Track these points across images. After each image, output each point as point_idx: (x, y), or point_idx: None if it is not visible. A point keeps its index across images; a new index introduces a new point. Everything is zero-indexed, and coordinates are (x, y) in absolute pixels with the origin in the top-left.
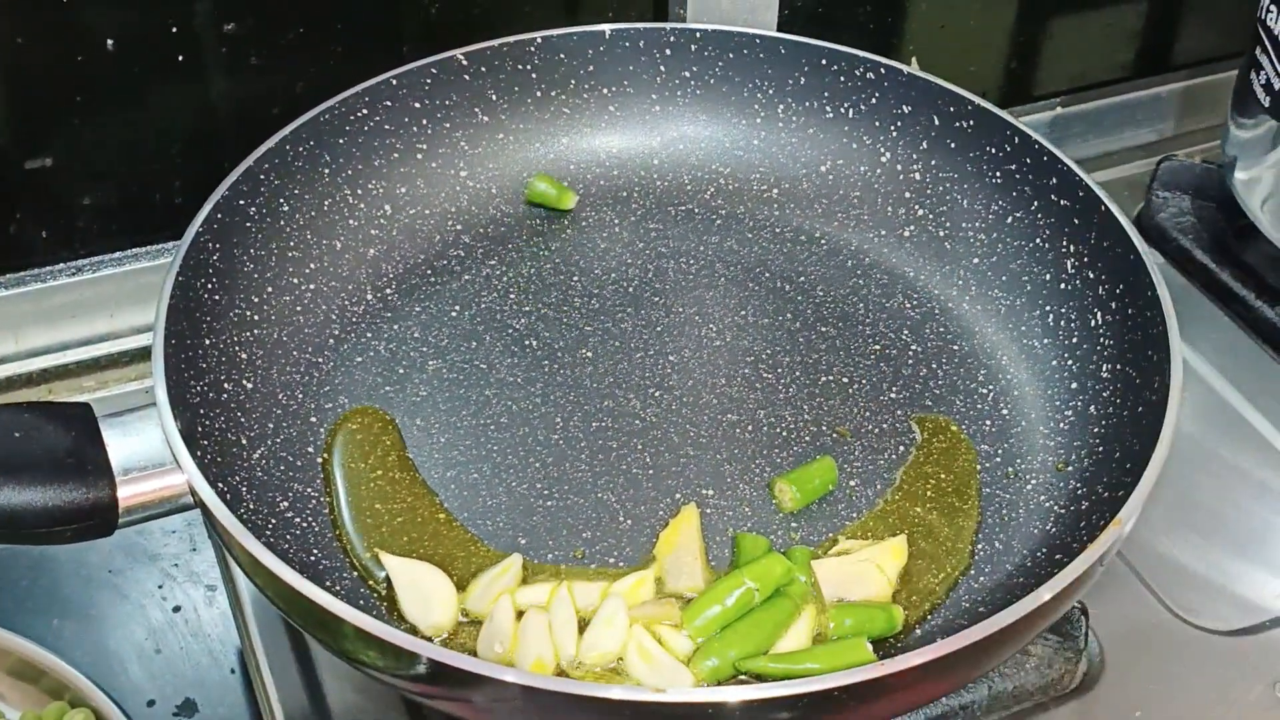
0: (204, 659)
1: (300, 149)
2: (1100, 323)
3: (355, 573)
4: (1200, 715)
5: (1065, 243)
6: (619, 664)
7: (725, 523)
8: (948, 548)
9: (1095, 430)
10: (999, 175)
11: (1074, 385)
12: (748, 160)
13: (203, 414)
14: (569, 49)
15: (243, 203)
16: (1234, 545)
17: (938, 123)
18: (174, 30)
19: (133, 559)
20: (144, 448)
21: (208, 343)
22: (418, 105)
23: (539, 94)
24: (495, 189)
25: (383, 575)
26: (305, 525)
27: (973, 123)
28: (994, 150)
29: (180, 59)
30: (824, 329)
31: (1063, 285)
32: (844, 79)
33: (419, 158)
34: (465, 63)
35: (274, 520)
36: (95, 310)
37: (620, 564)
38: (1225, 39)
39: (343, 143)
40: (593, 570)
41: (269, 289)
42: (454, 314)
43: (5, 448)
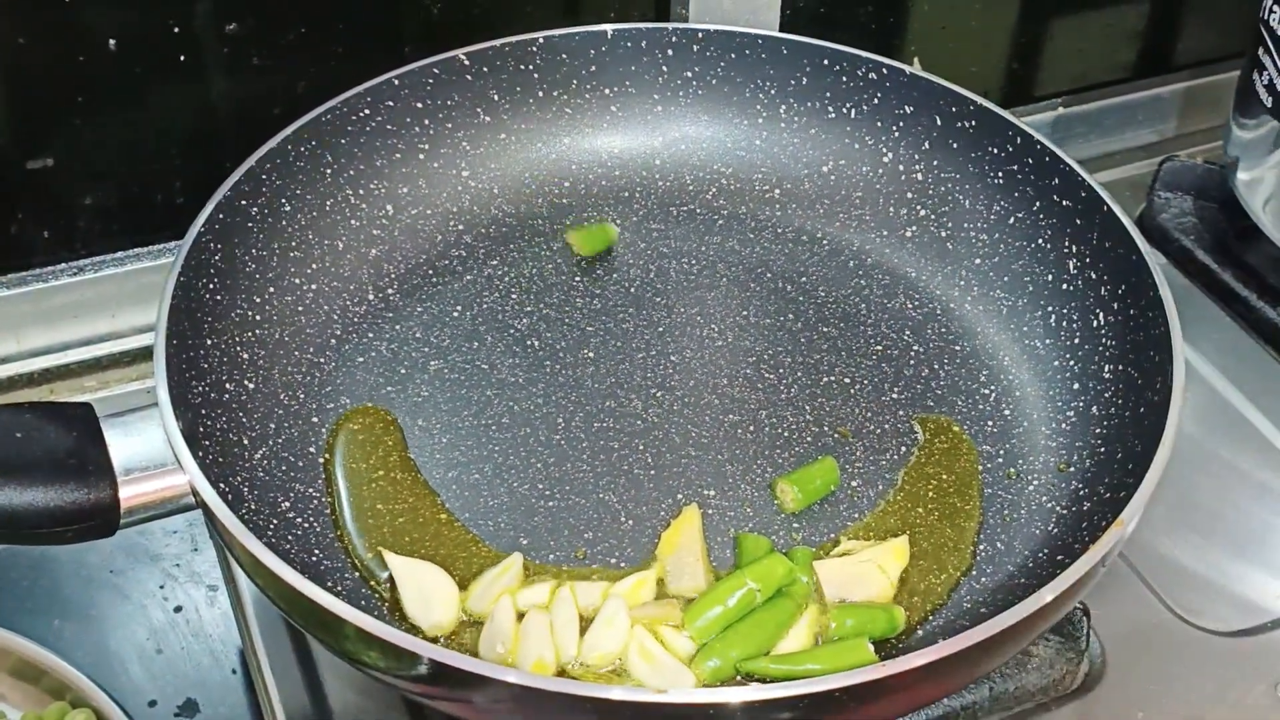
0: (205, 659)
1: (302, 149)
2: (1102, 323)
3: (356, 573)
4: (1201, 716)
5: (1067, 243)
6: (620, 664)
7: (727, 523)
8: (949, 548)
9: (1097, 431)
10: (1001, 176)
11: (1076, 386)
12: (750, 161)
13: (204, 414)
14: (571, 49)
15: (244, 203)
16: (1235, 546)
17: (940, 123)
18: (175, 30)
19: (134, 559)
20: (146, 448)
21: (209, 343)
22: (420, 105)
23: (541, 94)
24: (497, 189)
25: (384, 575)
26: (307, 525)
27: (975, 123)
28: (996, 151)
29: (182, 59)
30: (826, 329)
31: (1065, 286)
32: (846, 79)
33: (421, 158)
34: (467, 63)
35: (275, 520)
36: (97, 310)
37: (622, 564)
38: (1227, 39)
39: (344, 143)
40: (594, 571)
41: (271, 289)
42: (456, 314)
43: (7, 448)
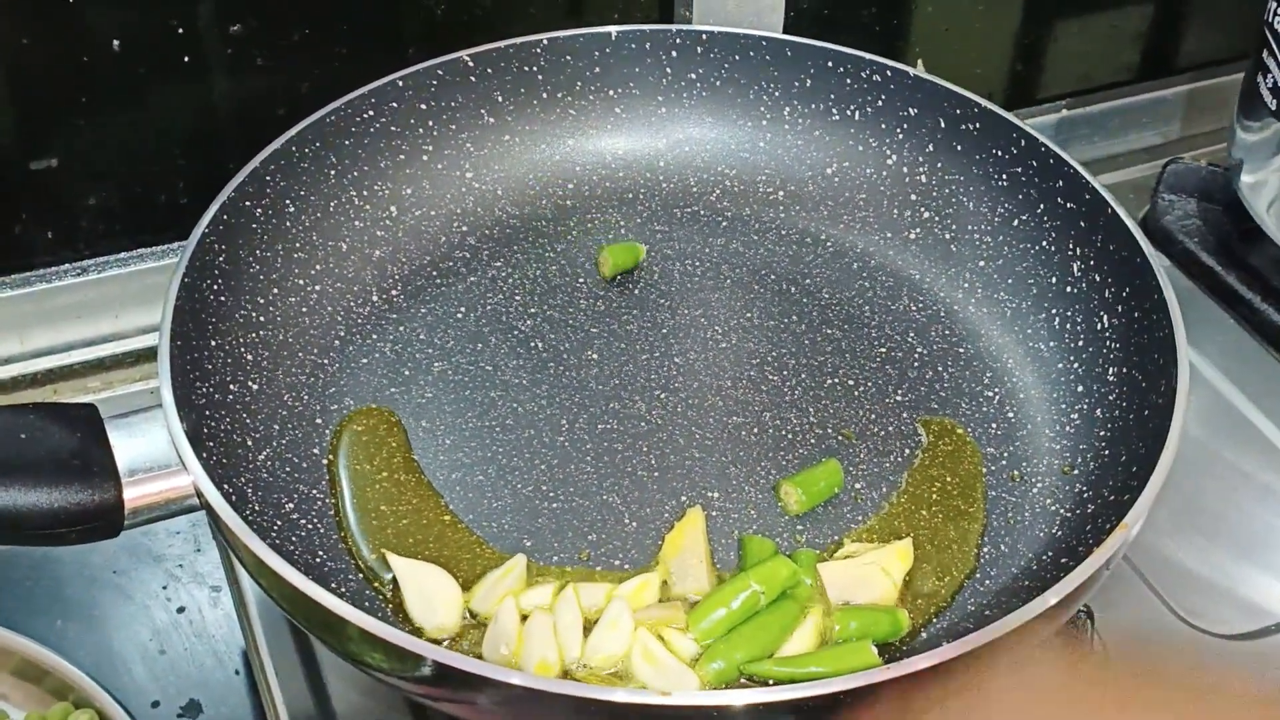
0: (208, 660)
1: (306, 150)
2: (1106, 326)
3: (360, 574)
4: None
5: (1071, 245)
6: (623, 667)
7: (731, 525)
8: (953, 551)
9: (1101, 433)
10: (1005, 178)
11: (1080, 388)
12: (753, 162)
13: (208, 415)
14: (575, 51)
15: (248, 204)
16: (1239, 549)
17: (943, 125)
18: (179, 31)
19: (137, 560)
20: (150, 449)
21: (213, 344)
22: (424, 107)
23: (545, 96)
24: (501, 190)
25: (388, 577)
26: (310, 527)
27: (978, 125)
28: (1000, 153)
29: (185, 60)
30: (829, 331)
31: (1069, 288)
32: (850, 81)
33: (425, 159)
34: (471, 64)
35: (279, 522)
36: (100, 311)
37: (625, 566)
38: (1231, 42)
39: (348, 144)
40: (598, 572)
41: (275, 290)
42: (459, 316)
43: (11, 449)
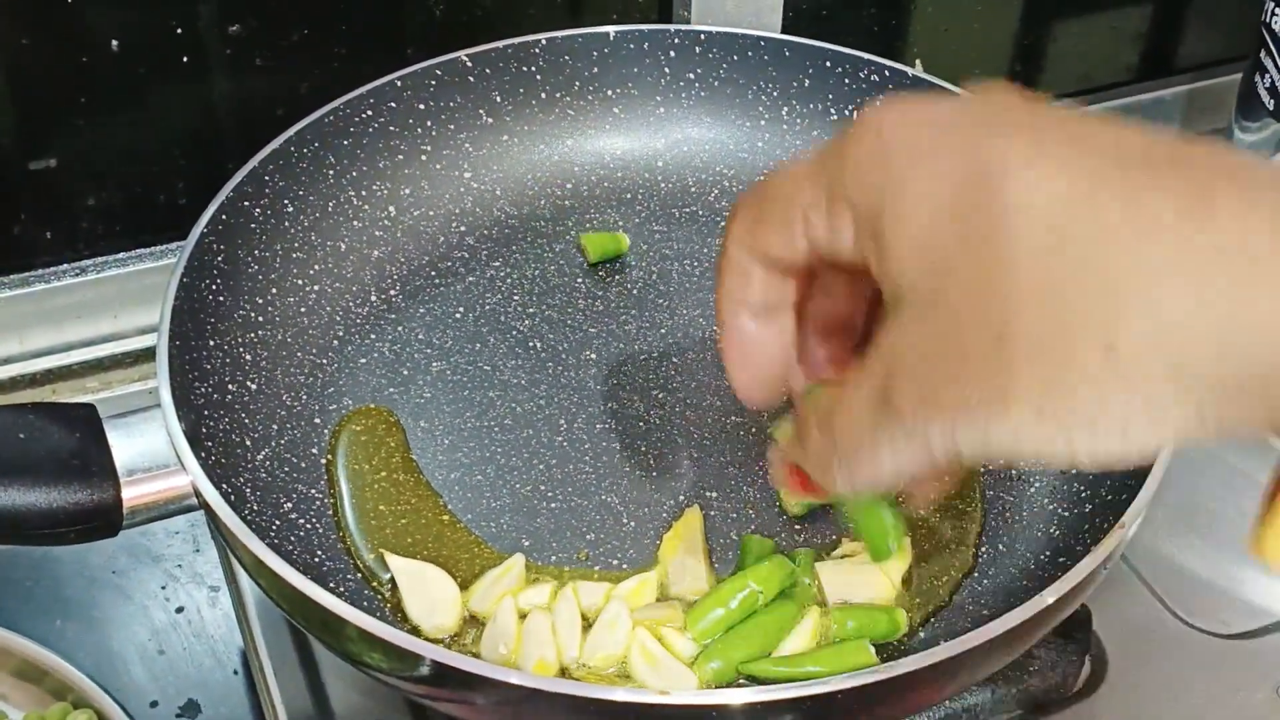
0: (207, 660)
1: (304, 150)
2: None
3: (359, 574)
4: (1203, 718)
5: None
6: (621, 667)
7: (729, 525)
8: (951, 550)
9: None
10: None
11: None
12: (752, 162)
13: (207, 415)
14: (573, 51)
15: (247, 204)
16: (1237, 548)
17: None
18: (178, 31)
19: (136, 560)
20: (148, 449)
21: (212, 344)
22: (422, 107)
23: (543, 96)
24: (500, 190)
25: (386, 577)
26: (309, 527)
27: None
28: None
29: (184, 60)
30: None
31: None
32: (848, 81)
33: (423, 159)
34: (470, 64)
35: (278, 522)
36: (99, 311)
37: (624, 566)
38: (1229, 42)
39: (347, 144)
40: (596, 572)
41: (273, 290)
42: (458, 316)
43: (9, 448)
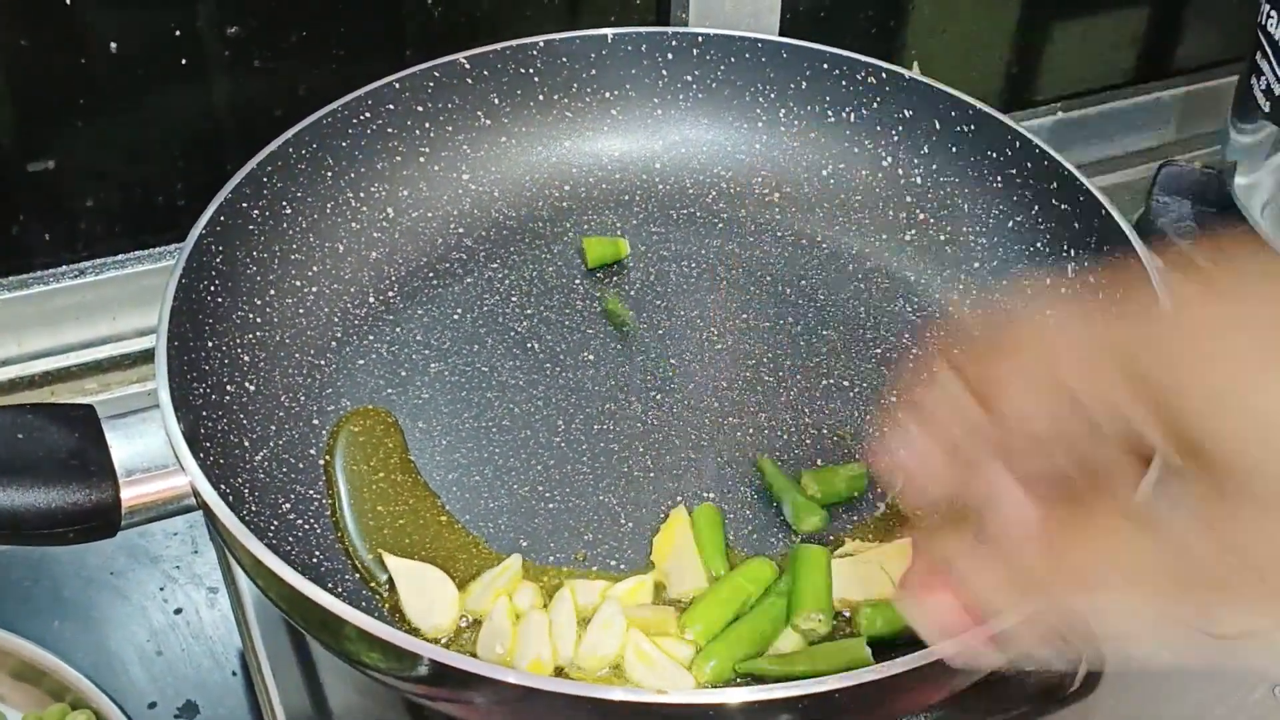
0: (205, 661)
1: (303, 152)
2: None
3: (357, 574)
4: (1201, 718)
5: (1066, 247)
6: (616, 668)
7: (726, 525)
8: None
9: None
10: (1000, 180)
11: None
12: (749, 164)
13: (205, 416)
14: (571, 53)
15: (245, 205)
16: None
17: (939, 127)
18: (177, 33)
19: (134, 561)
20: (147, 449)
21: (210, 345)
22: (420, 109)
23: (541, 98)
24: (498, 192)
25: (384, 577)
26: (307, 527)
27: (974, 127)
28: (995, 155)
29: (183, 62)
30: (825, 333)
31: (1063, 290)
32: (846, 83)
33: (421, 161)
34: (468, 66)
35: (276, 522)
36: (97, 313)
37: (621, 567)
38: (1226, 44)
39: (345, 146)
40: (594, 572)
41: (271, 291)
42: (456, 316)
43: (9, 449)
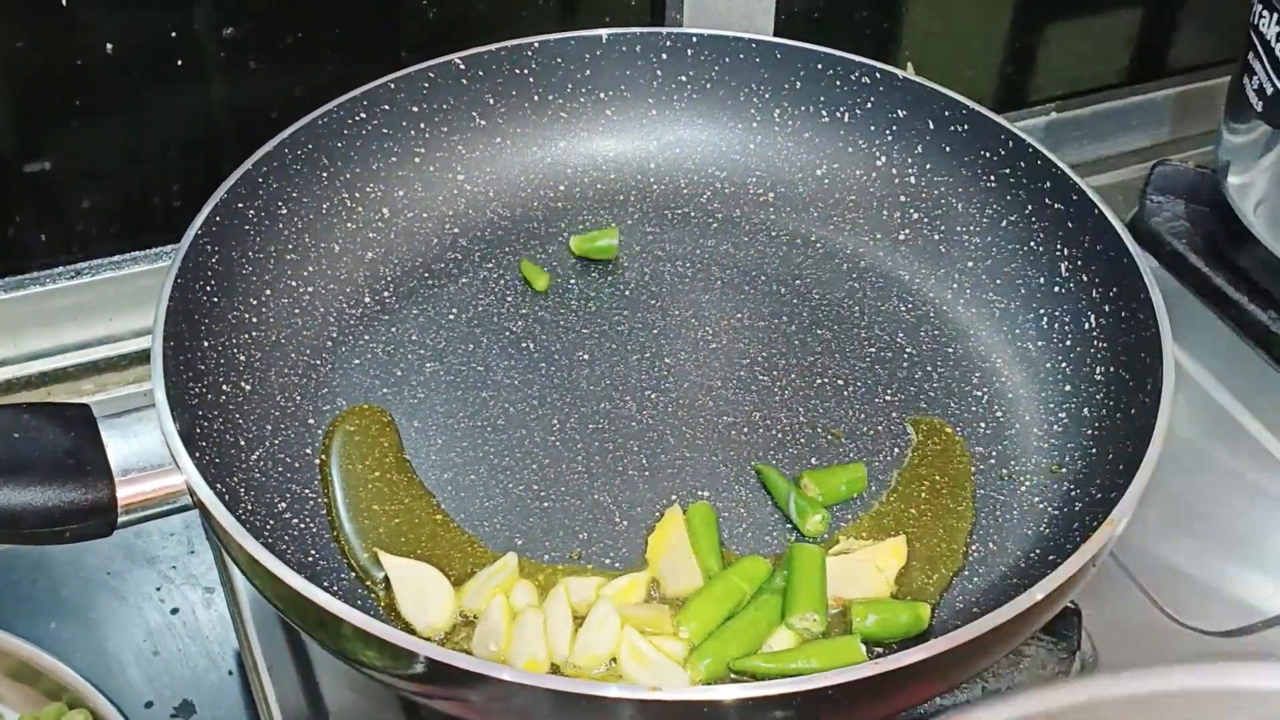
0: (202, 661)
1: (298, 152)
2: (1094, 326)
3: (353, 573)
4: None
5: (1059, 246)
6: (611, 666)
7: (721, 524)
8: (942, 548)
9: (1088, 432)
10: (994, 179)
11: (1068, 388)
12: (744, 164)
13: (201, 415)
14: (566, 54)
15: (241, 206)
16: (1227, 547)
17: (933, 127)
18: (173, 34)
19: (131, 561)
20: (143, 448)
21: (206, 345)
22: (415, 109)
23: (536, 98)
24: (493, 192)
25: (380, 576)
26: (303, 526)
27: (967, 127)
28: (989, 154)
29: (179, 63)
30: (820, 332)
31: (1057, 288)
32: (840, 84)
33: (416, 161)
34: (463, 67)
35: (272, 521)
36: (94, 313)
37: (616, 565)
38: (1219, 44)
39: (341, 146)
40: (589, 570)
41: (267, 291)
42: (451, 316)
43: (5, 448)
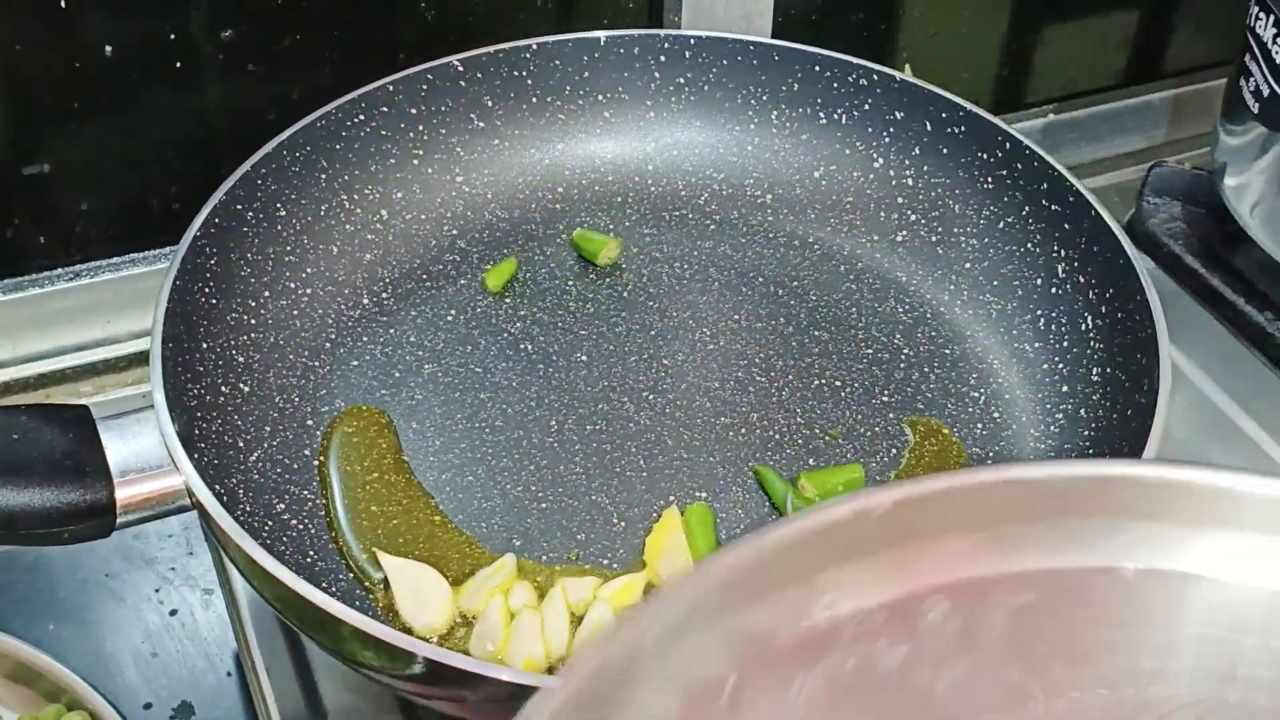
0: (200, 662)
1: (297, 154)
2: (1090, 327)
3: (351, 574)
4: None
5: (1056, 247)
6: None
7: (719, 525)
8: None
9: (1085, 433)
10: (990, 181)
11: (1064, 388)
12: (741, 166)
13: (200, 417)
14: (564, 56)
15: (239, 208)
16: None
17: (930, 129)
18: (171, 37)
19: (129, 563)
20: (142, 449)
21: (205, 346)
22: (414, 111)
23: (534, 100)
24: (491, 194)
25: (379, 577)
26: (301, 527)
27: (964, 129)
28: (985, 156)
29: (178, 65)
30: (817, 333)
31: (1053, 290)
32: (837, 85)
33: (415, 163)
34: (461, 69)
35: (270, 522)
36: (92, 316)
37: (615, 566)
38: (1216, 46)
39: (339, 148)
40: (587, 570)
41: (266, 293)
42: (449, 318)
43: (4, 449)
